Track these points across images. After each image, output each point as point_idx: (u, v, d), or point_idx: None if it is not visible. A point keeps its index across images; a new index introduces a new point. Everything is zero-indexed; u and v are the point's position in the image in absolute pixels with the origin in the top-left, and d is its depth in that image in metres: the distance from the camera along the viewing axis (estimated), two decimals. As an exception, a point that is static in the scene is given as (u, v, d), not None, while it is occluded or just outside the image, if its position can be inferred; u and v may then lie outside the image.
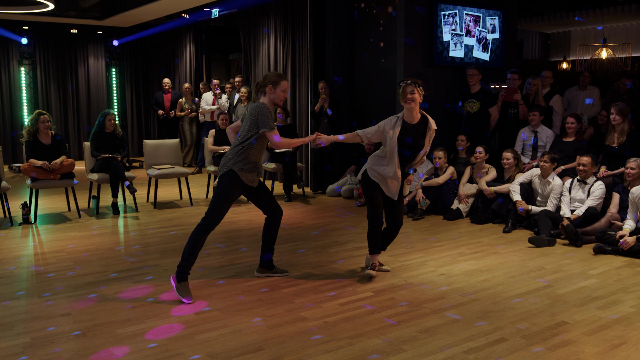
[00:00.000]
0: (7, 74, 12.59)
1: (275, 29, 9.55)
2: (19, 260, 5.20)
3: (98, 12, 11.98)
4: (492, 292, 4.27)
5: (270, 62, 9.70)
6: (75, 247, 5.65)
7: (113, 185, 7.11)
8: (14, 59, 12.53)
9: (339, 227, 6.45)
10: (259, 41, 10.01)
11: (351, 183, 8.24)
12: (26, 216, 6.66)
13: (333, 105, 8.36)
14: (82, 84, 13.51)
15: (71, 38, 13.20)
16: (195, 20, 11.57)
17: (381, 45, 8.30)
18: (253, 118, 4.17)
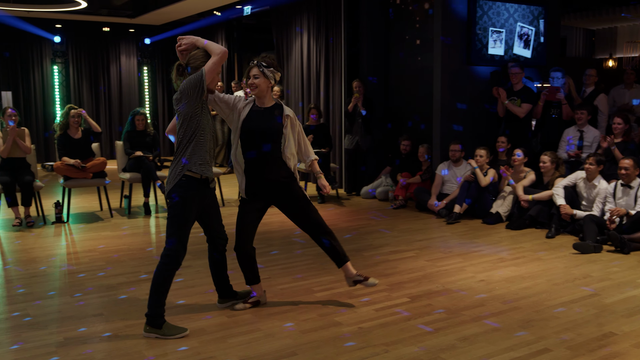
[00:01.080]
0: (40, 73, 12.89)
1: (308, 27, 9.56)
2: (51, 259, 5.31)
3: (130, 10, 12.17)
4: (534, 300, 4.19)
5: (303, 60, 9.71)
6: (107, 247, 5.74)
7: (145, 184, 7.20)
8: (47, 57, 12.82)
9: (373, 230, 6.42)
10: (292, 39, 10.03)
11: (386, 185, 8.20)
12: (59, 215, 6.79)
13: (367, 104, 8.32)
14: (114, 82, 13.74)
15: (103, 36, 13.44)
16: (227, 18, 11.66)
17: (417, 43, 8.23)
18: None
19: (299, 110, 9.84)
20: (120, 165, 7.52)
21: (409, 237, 6.11)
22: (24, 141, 6.57)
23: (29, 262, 5.19)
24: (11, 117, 6.58)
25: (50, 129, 12.67)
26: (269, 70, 3.79)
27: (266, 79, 3.79)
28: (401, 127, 8.51)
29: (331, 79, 9.16)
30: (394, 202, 7.66)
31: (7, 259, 5.40)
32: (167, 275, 3.48)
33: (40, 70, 12.87)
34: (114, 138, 13.49)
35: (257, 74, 3.79)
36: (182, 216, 3.48)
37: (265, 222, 6.83)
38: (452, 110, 7.50)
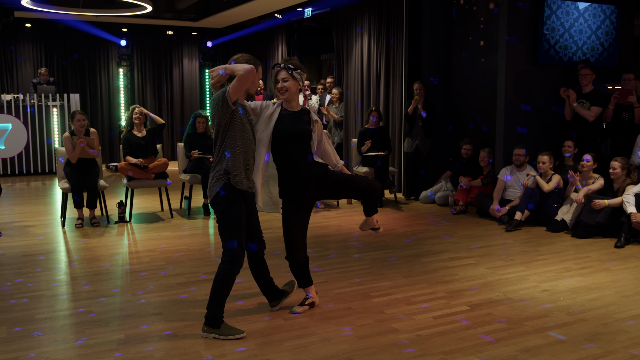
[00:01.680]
0: (106, 76, 13.41)
1: (369, 28, 9.56)
2: (115, 258, 5.51)
3: (193, 13, 12.50)
4: (602, 312, 4.05)
5: (363, 62, 9.72)
6: (168, 246, 5.91)
7: (205, 186, 7.37)
8: (113, 60, 13.32)
9: (432, 236, 6.36)
10: (352, 41, 10.05)
11: (446, 189, 8.10)
12: (122, 215, 7.03)
13: (428, 107, 8.24)
14: (177, 84, 14.13)
15: (167, 39, 13.85)
16: (287, 20, 11.81)
17: (481, 43, 8.10)
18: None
19: (358, 112, 9.85)
20: (181, 166, 7.72)
21: (469, 243, 6.03)
22: (93, 147, 6.78)
23: (93, 260, 5.39)
24: (80, 122, 6.75)
25: (114, 129, 13.15)
26: (297, 73, 3.81)
27: (295, 82, 3.80)
28: (463, 130, 8.39)
29: (391, 80, 9.12)
30: (454, 207, 7.56)
31: (72, 256, 5.63)
32: (227, 279, 3.53)
33: (107, 73, 13.38)
34: (175, 139, 13.87)
35: (286, 77, 3.79)
36: (232, 218, 3.50)
37: (322, 226, 6.86)
38: (516, 112, 7.34)
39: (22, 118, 10.96)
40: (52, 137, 11.19)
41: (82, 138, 6.71)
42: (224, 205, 3.49)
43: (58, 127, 11.21)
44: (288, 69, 3.78)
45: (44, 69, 11.83)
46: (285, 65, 3.79)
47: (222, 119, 3.48)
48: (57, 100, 11.19)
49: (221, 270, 3.53)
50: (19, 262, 5.38)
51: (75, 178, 6.71)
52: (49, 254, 5.69)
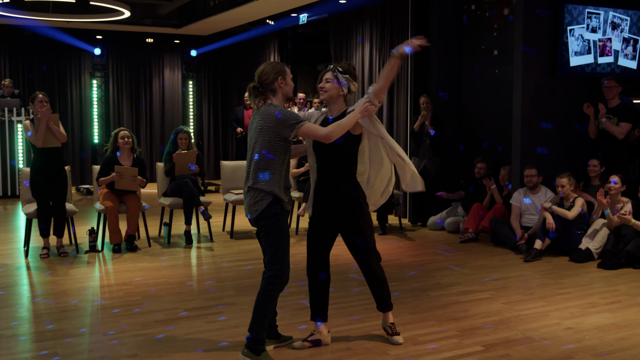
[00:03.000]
0: (78, 88, 13.45)
1: (370, 36, 9.63)
2: (84, 292, 5.46)
3: (176, 19, 12.59)
4: (633, 352, 4.02)
5: (365, 73, 9.78)
6: (144, 279, 5.87)
7: (187, 211, 7.36)
8: (86, 71, 13.38)
9: (441, 267, 6.34)
10: (352, 50, 10.12)
11: (457, 215, 8.09)
12: (93, 243, 7.00)
13: (436, 123, 8.28)
14: (157, 98, 14.17)
15: (146, 48, 13.93)
16: (280, 27, 11.89)
17: (495, 53, 8.16)
18: (270, 125, 3.77)
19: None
20: (161, 189, 7.70)
21: (483, 275, 6.01)
22: (57, 127, 6.71)
23: (60, 295, 5.35)
24: (42, 103, 6.66)
25: (86, 149, 13.15)
26: (343, 77, 3.98)
27: (338, 86, 3.99)
28: (475, 150, 8.42)
29: (395, 94, 9.17)
30: (464, 235, 7.55)
31: (36, 291, 5.58)
32: (272, 295, 3.80)
33: (78, 85, 13.43)
34: (154, 159, 13.88)
35: (330, 78, 4.01)
36: (280, 232, 3.82)
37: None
38: (535, 130, 7.37)
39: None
40: (16, 156, 11.18)
41: (45, 108, 6.58)
42: (274, 220, 3.79)
43: (23, 145, 11.18)
44: (334, 71, 3.99)
45: (8, 80, 11.83)
46: (334, 67, 4.00)
47: (274, 138, 3.76)
48: (22, 115, 11.19)
49: (265, 286, 3.78)
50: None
51: (41, 199, 6.67)
52: (9, 288, 5.64)
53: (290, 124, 3.74)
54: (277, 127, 3.74)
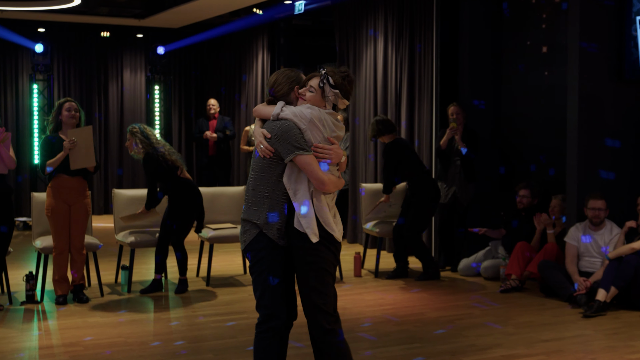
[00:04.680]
0: (13, 94, 13.44)
1: (385, 29, 9.65)
2: (18, 356, 5.40)
3: (139, 7, 12.63)
4: None
5: (378, 76, 9.78)
6: (96, 339, 5.81)
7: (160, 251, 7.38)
8: (25, 72, 13.39)
9: (477, 324, 6.30)
10: (362, 47, 10.14)
11: (496, 256, 8.07)
12: (30, 293, 6.95)
13: (468, 139, 8.27)
14: (114, 107, 14.19)
15: (101, 44, 13.97)
16: (271, 17, 11.94)
17: (544, 51, 8.18)
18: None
19: (370, 148, 9.87)
20: (118, 222, 7.67)
21: (531, 335, 5.96)
22: (7, 149, 6.69)
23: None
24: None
25: (24, 172, 13.12)
26: (331, 91, 4.02)
27: (321, 99, 4.05)
28: (519, 173, 8.40)
29: (417, 102, 9.17)
30: (505, 283, 7.52)
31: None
32: (263, 347, 4.04)
33: (14, 91, 13.43)
34: (110, 185, 13.84)
35: (315, 87, 4.06)
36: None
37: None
38: (598, 149, 7.37)
39: None
40: None
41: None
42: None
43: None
44: (323, 79, 4.03)
45: None
46: (324, 75, 4.04)
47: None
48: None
49: (255, 336, 4.08)
50: None
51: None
52: None
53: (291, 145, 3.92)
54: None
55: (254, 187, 4.04)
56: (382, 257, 8.50)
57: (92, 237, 7.39)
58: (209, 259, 7.83)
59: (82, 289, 7.07)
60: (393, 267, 8.20)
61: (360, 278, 8.17)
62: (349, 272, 8.27)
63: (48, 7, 11.64)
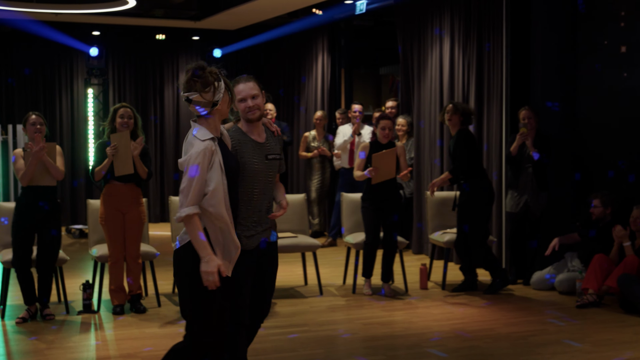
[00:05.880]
0: (69, 99, 13.69)
1: (451, 28, 9.60)
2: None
3: (195, 9, 12.76)
4: None
5: (444, 77, 9.73)
6: (154, 350, 5.87)
7: None
8: (80, 77, 13.63)
9: (551, 341, 6.22)
10: (427, 48, 10.10)
11: (572, 269, 7.94)
12: (87, 302, 7.06)
13: (541, 145, 8.17)
14: (169, 111, 14.35)
15: (156, 47, 14.16)
16: (331, 18, 11.96)
17: (622, 50, 8.04)
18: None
19: (436, 154, 9.80)
20: (176, 231, 7.73)
21: (610, 354, 5.87)
22: (54, 160, 6.79)
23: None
24: (35, 126, 6.78)
25: (79, 176, 13.34)
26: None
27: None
28: (596, 180, 8.27)
29: (486, 105, 9.09)
30: (580, 298, 7.39)
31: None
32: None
33: (69, 95, 13.68)
34: (166, 192, 13.96)
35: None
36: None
37: (384, 322, 6.79)
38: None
39: (-52, 160, 11.23)
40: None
41: (38, 142, 6.68)
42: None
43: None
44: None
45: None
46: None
47: None
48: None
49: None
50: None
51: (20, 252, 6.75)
52: (-20, 359, 5.72)
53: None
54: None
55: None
56: (450, 269, 8.42)
57: (149, 246, 7.48)
58: (269, 269, 7.84)
59: (140, 298, 7.15)
60: (461, 279, 8.13)
61: (426, 291, 8.11)
62: (415, 285, 8.21)
63: (103, 9, 11.81)
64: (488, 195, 7.98)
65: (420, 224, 10.04)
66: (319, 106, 12.63)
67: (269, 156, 4.71)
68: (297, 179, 13.34)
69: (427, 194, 8.45)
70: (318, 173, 11.40)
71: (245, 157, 4.60)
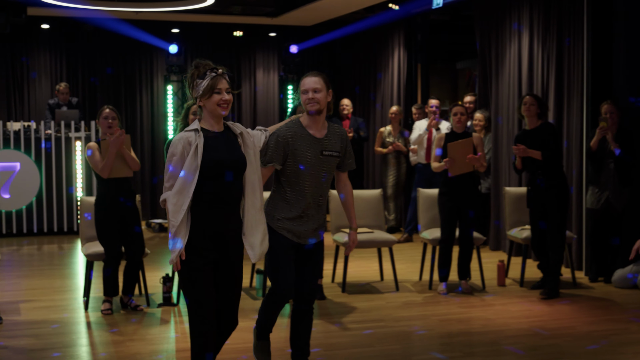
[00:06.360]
0: (149, 96, 13.96)
1: (530, 22, 9.49)
2: (156, 358, 5.62)
3: (272, 5, 12.86)
4: None
5: (522, 72, 9.62)
6: (231, 343, 5.92)
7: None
8: (159, 74, 13.87)
9: (635, 340, 6.13)
10: (505, 42, 9.99)
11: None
12: (167, 295, 7.19)
13: (623, 139, 8.01)
14: (247, 108, 14.51)
15: (234, 44, 14.32)
16: (407, 13, 11.92)
17: None
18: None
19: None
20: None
21: (698, 353, 5.75)
22: (129, 150, 6.93)
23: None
24: (108, 120, 6.90)
25: (159, 172, 13.58)
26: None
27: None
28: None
29: (566, 100, 8.97)
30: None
31: (98, 354, 5.79)
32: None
33: (150, 92, 13.94)
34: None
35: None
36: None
37: (462, 319, 6.76)
38: None
39: (34, 155, 11.51)
40: (74, 182, 11.65)
41: (117, 132, 6.79)
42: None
43: (82, 168, 11.65)
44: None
45: (63, 84, 12.29)
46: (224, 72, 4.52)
47: None
48: (81, 131, 11.66)
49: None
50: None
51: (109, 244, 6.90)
52: (65, 349, 5.89)
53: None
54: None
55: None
56: (528, 266, 8.32)
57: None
58: (345, 265, 7.88)
59: None
60: (540, 276, 8.02)
61: (504, 287, 8.03)
62: (492, 282, 8.13)
63: (182, 7, 12.00)
64: (564, 193, 7.80)
65: (498, 221, 9.95)
66: (395, 102, 12.60)
67: (324, 152, 4.89)
68: (373, 175, 13.34)
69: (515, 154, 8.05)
70: (394, 169, 11.38)
71: (298, 150, 4.83)
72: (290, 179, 4.91)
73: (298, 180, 4.88)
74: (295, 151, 4.83)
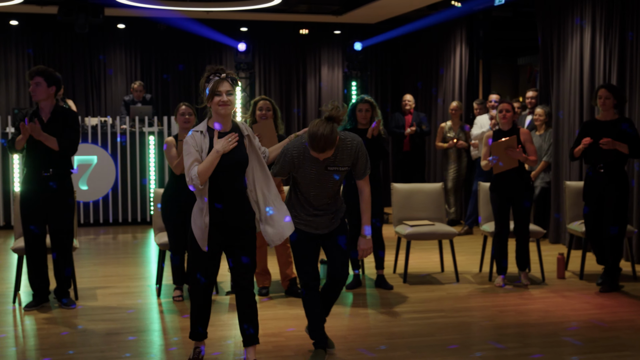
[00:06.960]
0: (218, 92, 14.11)
1: (593, 17, 9.34)
2: (225, 343, 5.72)
3: (337, 4, 12.90)
4: None
5: (584, 67, 9.47)
6: (297, 330, 6.01)
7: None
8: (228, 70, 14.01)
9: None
10: (567, 37, 9.85)
11: None
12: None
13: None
14: (312, 103, 14.58)
15: (300, 41, 14.41)
16: (469, 10, 11.84)
17: None
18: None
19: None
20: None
21: None
22: None
23: (198, 345, 5.62)
24: (184, 116, 7.04)
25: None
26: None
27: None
28: None
29: (629, 92, 8.81)
30: None
31: (170, 339, 5.91)
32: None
33: (219, 89, 14.10)
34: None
35: (231, 90, 4.95)
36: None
37: (521, 310, 6.71)
38: None
39: (110, 149, 11.78)
40: (148, 174, 11.89)
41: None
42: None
43: (155, 161, 11.88)
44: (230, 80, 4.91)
45: (138, 82, 12.64)
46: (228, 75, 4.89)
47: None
48: (154, 126, 11.89)
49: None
50: (101, 343, 5.75)
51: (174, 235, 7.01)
52: (139, 333, 6.02)
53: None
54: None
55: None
56: (588, 259, 8.19)
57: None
58: (406, 256, 7.88)
59: (296, 282, 7.18)
60: (600, 268, 7.89)
61: (564, 280, 7.92)
62: (552, 274, 8.03)
63: (250, 6, 12.12)
64: (625, 186, 7.59)
65: (558, 214, 9.82)
66: (456, 97, 12.53)
67: (329, 167, 5.12)
68: (434, 169, 13.28)
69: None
70: (454, 163, 11.33)
71: (302, 168, 5.13)
72: (299, 186, 5.25)
73: (306, 188, 5.21)
74: (300, 169, 5.14)
